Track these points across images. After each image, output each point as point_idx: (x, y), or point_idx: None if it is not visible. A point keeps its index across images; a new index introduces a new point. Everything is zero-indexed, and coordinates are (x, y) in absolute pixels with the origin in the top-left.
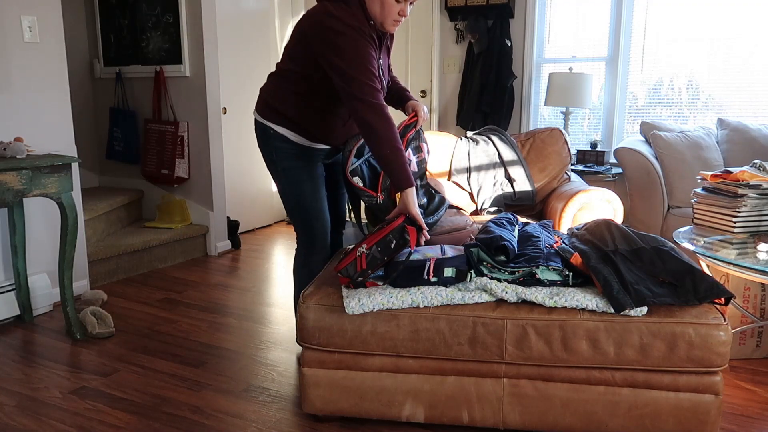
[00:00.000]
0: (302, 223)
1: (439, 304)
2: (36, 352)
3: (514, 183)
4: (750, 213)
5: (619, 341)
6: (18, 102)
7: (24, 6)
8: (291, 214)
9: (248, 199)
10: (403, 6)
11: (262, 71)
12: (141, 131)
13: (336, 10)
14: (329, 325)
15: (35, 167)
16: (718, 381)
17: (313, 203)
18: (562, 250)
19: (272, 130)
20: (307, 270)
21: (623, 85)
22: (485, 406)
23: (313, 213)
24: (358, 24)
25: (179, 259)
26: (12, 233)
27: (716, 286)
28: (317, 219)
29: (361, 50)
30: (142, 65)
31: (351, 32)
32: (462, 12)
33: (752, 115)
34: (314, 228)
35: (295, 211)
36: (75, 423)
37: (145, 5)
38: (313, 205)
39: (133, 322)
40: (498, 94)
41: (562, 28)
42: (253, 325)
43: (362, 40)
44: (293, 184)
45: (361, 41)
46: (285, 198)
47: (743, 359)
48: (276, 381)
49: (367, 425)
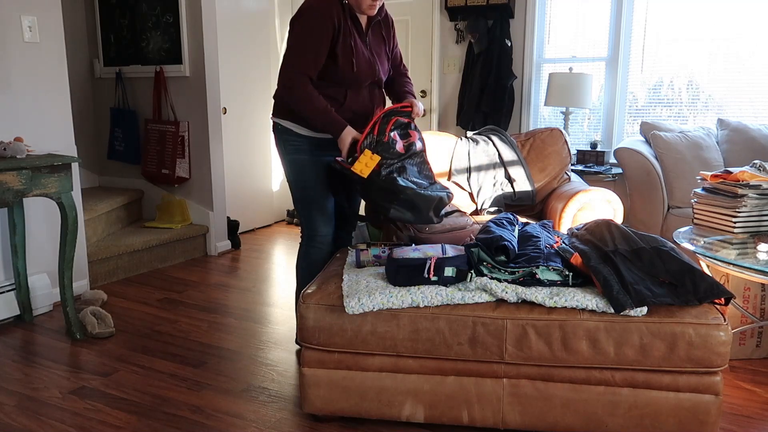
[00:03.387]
0: (304, 214)
1: (439, 303)
2: (36, 352)
3: (514, 183)
4: (750, 213)
5: (619, 341)
6: (18, 102)
7: (24, 6)
8: (296, 204)
9: (248, 199)
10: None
11: (262, 71)
12: (141, 131)
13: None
14: (329, 325)
15: (35, 167)
16: (718, 381)
17: (316, 195)
18: (562, 250)
19: (280, 126)
20: (305, 263)
21: (623, 85)
22: (485, 406)
23: (315, 204)
24: (322, 3)
25: (179, 259)
26: (12, 233)
27: (716, 286)
28: (318, 210)
29: (308, 31)
30: (142, 65)
31: (309, 13)
32: (462, 12)
33: (752, 115)
34: (315, 219)
35: (299, 202)
36: (75, 423)
37: (145, 5)
38: (315, 197)
39: (133, 322)
40: (498, 94)
41: (562, 28)
42: (253, 325)
43: (318, 22)
44: (298, 174)
45: (316, 22)
46: (292, 189)
47: (743, 359)
48: (276, 381)
49: (367, 425)
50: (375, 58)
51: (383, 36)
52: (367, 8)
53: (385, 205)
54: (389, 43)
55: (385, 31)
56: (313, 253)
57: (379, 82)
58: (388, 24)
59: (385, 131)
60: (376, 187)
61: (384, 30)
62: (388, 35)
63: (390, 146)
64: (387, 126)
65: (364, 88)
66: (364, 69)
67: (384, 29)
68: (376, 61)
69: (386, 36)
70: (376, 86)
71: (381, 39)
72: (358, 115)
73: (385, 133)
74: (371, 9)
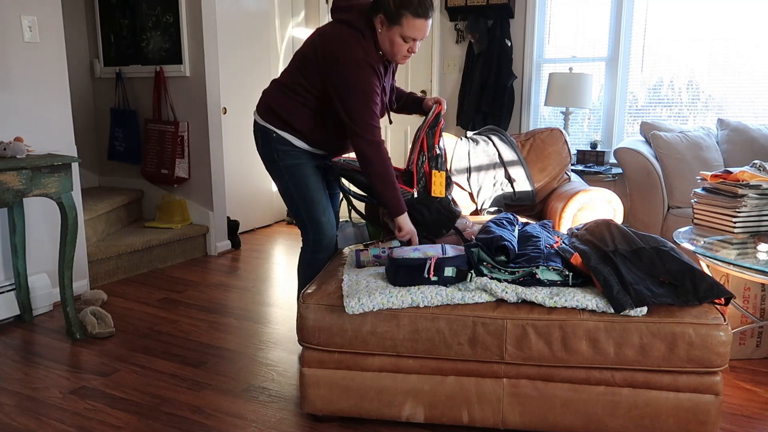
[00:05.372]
0: (310, 219)
1: (439, 303)
2: (36, 352)
3: (514, 183)
4: (750, 213)
5: (619, 341)
6: (18, 102)
7: (24, 6)
8: (297, 212)
9: (248, 199)
10: (411, 44)
11: (262, 71)
12: (141, 131)
13: (349, 38)
14: (329, 325)
15: (35, 167)
16: (718, 381)
17: (319, 197)
18: (562, 250)
19: (275, 134)
20: (312, 270)
21: (623, 85)
22: (485, 406)
23: (320, 208)
24: (367, 56)
25: (179, 259)
26: (12, 233)
27: (716, 286)
28: (324, 214)
29: (366, 85)
30: (142, 65)
31: (359, 65)
32: (462, 12)
33: (752, 115)
34: (322, 224)
35: (302, 208)
36: (75, 423)
37: (145, 5)
38: (319, 200)
39: (133, 322)
40: (498, 94)
41: (562, 28)
42: (253, 325)
43: (368, 73)
44: (298, 179)
45: (368, 74)
46: (289, 197)
47: (743, 359)
48: (276, 381)
49: (367, 425)
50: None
51: (393, 70)
52: (402, 59)
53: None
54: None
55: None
56: (318, 260)
57: None
58: None
59: (433, 145)
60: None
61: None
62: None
63: (441, 156)
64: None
65: None
66: (381, 115)
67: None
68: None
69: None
70: None
71: (393, 74)
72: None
73: (433, 147)
74: (405, 60)
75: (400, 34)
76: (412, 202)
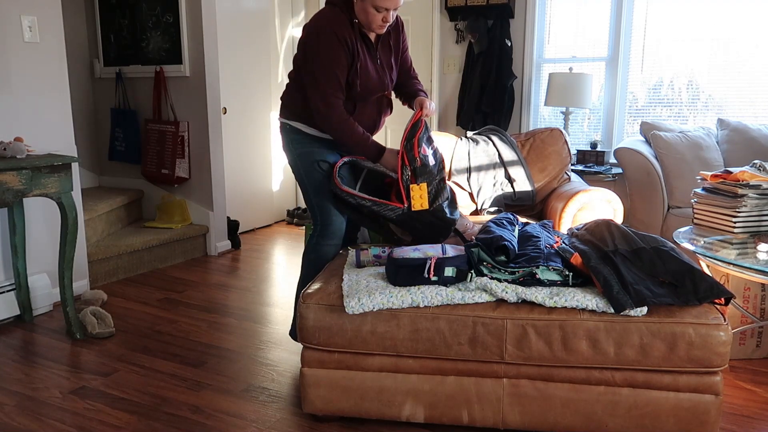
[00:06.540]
0: (318, 205)
1: (439, 303)
2: (36, 352)
3: (514, 183)
4: (750, 213)
5: (619, 341)
6: (18, 102)
7: (24, 6)
8: (308, 198)
9: (248, 199)
10: (385, 14)
11: (262, 71)
12: (141, 131)
13: (321, 12)
14: (329, 325)
15: (35, 167)
16: (718, 381)
17: (328, 184)
18: (562, 250)
19: (288, 125)
20: (315, 255)
21: (623, 85)
22: (485, 406)
23: (329, 193)
24: (332, 25)
25: (179, 259)
26: (12, 233)
27: (716, 286)
28: (332, 200)
29: (328, 52)
30: (142, 65)
31: (321, 32)
32: (462, 12)
33: (752, 115)
34: (329, 210)
35: (311, 194)
36: (75, 423)
37: (145, 5)
38: (327, 187)
39: (133, 322)
40: (498, 94)
41: (562, 28)
42: (253, 325)
43: (330, 40)
44: (309, 165)
45: (329, 42)
46: (301, 183)
47: (743, 359)
48: (276, 381)
49: (367, 425)
50: (385, 72)
51: (391, 45)
52: (378, 28)
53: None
54: (399, 49)
55: (393, 40)
56: (323, 245)
57: (387, 93)
58: (398, 30)
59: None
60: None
61: (393, 39)
62: (396, 43)
63: (426, 165)
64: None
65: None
66: (373, 87)
67: (393, 38)
68: (386, 74)
69: (394, 44)
70: (383, 96)
71: (389, 48)
72: (364, 125)
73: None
74: (381, 29)
75: (372, 5)
76: (404, 218)
